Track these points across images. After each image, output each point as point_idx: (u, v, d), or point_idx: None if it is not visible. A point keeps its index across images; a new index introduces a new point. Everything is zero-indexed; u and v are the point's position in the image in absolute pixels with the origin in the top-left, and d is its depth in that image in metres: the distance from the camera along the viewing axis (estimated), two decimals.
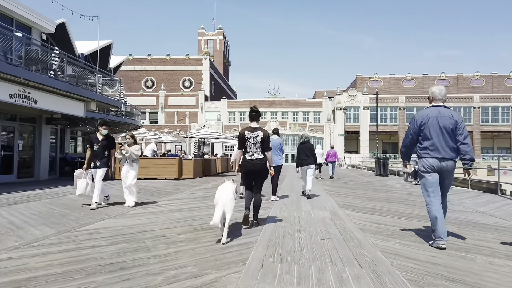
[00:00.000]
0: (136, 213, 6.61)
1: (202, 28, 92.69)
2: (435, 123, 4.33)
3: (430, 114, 4.40)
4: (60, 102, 13.45)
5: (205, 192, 10.23)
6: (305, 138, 9.35)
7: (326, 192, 10.58)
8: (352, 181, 16.11)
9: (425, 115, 4.43)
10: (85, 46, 24.31)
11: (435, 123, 4.33)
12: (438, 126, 4.32)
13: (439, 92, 4.52)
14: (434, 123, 4.34)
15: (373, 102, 61.22)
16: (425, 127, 4.38)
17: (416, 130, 4.46)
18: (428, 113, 4.42)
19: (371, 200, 8.78)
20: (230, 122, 66.94)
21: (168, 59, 71.89)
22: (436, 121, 4.33)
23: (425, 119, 4.40)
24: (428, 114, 4.41)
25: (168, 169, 15.22)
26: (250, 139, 5.24)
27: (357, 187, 12.43)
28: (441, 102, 4.48)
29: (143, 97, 68.64)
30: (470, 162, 4.31)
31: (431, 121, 4.35)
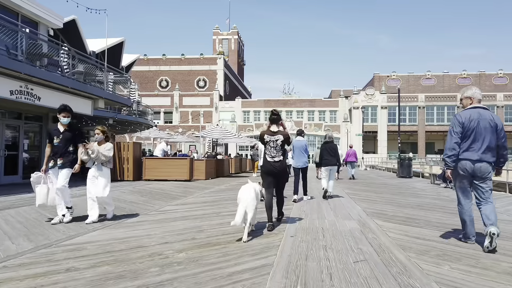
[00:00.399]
0: (135, 222, 5.79)
1: (216, 28, 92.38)
2: (476, 125, 4.28)
3: (472, 116, 4.33)
4: (66, 99, 12.78)
5: (216, 196, 9.39)
6: (329, 138, 9.10)
7: (349, 196, 9.60)
8: (374, 183, 15.04)
9: (467, 116, 4.35)
10: (96, 44, 23.86)
11: (475, 125, 4.28)
12: (478, 128, 4.27)
13: (480, 93, 4.51)
14: (475, 125, 4.28)
15: (391, 101, 59.49)
16: (466, 129, 4.32)
17: (460, 130, 4.36)
18: (470, 115, 4.35)
19: (401, 206, 7.77)
20: (244, 122, 66.26)
21: (183, 59, 71.68)
22: (477, 123, 4.28)
23: (467, 120, 4.33)
24: (470, 115, 4.34)
25: (178, 170, 14.47)
26: (270, 142, 5.30)
27: (382, 191, 11.39)
28: (479, 103, 4.45)
29: (157, 97, 68.59)
30: (502, 164, 4.43)
31: (473, 123, 4.29)
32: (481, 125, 4.27)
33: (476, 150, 4.27)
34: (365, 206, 7.65)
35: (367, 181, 16.09)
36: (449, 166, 4.45)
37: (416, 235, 4.93)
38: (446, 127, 57.46)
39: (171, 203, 8.05)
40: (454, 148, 4.38)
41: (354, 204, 8.06)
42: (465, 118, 4.35)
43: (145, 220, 5.86)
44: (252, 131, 62.73)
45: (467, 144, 4.32)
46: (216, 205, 7.58)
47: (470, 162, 4.28)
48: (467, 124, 4.32)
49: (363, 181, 16.09)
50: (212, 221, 5.74)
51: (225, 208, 7.22)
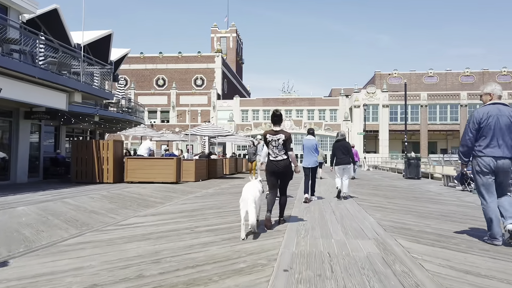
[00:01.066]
0: (75, 244, 4.30)
1: (214, 26, 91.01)
2: (495, 121, 4.23)
3: (491, 112, 4.29)
4: (34, 92, 11.37)
5: (199, 203, 7.90)
6: (341, 136, 8.89)
7: (356, 202, 8.13)
8: (381, 185, 13.56)
9: (486, 112, 4.30)
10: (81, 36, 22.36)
11: (495, 121, 4.24)
12: (498, 124, 4.22)
13: (500, 89, 4.48)
14: (494, 121, 4.24)
15: (393, 99, 58.02)
16: (484, 125, 4.26)
17: (476, 127, 4.32)
18: (488, 111, 4.30)
19: (424, 217, 6.28)
20: (243, 121, 64.84)
21: (180, 57, 70.30)
22: (497, 119, 4.23)
23: (485, 116, 4.28)
24: (488, 111, 4.30)
25: (164, 171, 12.96)
26: (272, 142, 5.34)
27: (393, 195, 9.91)
28: (499, 99, 4.40)
29: (154, 95, 67.22)
30: None
31: (491, 119, 4.25)
32: (501, 121, 4.22)
33: (497, 146, 4.22)
34: (379, 217, 6.16)
35: (373, 183, 14.61)
36: (464, 161, 4.49)
37: (464, 266, 3.44)
38: (449, 126, 56.05)
39: (140, 212, 6.57)
40: (467, 145, 4.39)
41: (364, 213, 6.57)
42: (483, 114, 4.29)
43: (91, 241, 4.37)
44: (251, 130, 61.26)
45: (487, 141, 4.26)
46: (194, 216, 6.11)
47: (492, 158, 4.23)
48: (485, 121, 4.26)
49: (369, 183, 14.61)
50: (179, 243, 4.26)
51: (205, 220, 5.75)
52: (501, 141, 4.20)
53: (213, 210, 6.69)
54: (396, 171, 25.42)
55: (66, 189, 10.68)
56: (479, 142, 4.32)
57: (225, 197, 8.93)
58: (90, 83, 14.06)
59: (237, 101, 66.28)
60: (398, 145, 61.85)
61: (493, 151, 4.23)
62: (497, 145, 4.22)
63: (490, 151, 4.24)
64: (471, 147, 4.38)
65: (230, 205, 7.38)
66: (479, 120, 4.29)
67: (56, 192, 9.66)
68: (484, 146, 4.28)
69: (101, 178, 12.91)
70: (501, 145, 4.21)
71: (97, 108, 16.49)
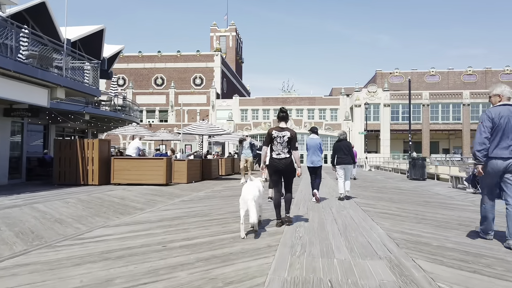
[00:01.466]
0: (6, 267, 3.42)
1: (214, 25, 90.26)
2: (506, 123, 4.21)
3: (502, 112, 4.25)
4: (12, 87, 10.51)
5: (184, 209, 7.03)
6: (342, 136, 8.80)
7: (360, 207, 7.26)
8: (385, 187, 12.68)
9: (497, 113, 4.27)
10: (73, 32, 21.51)
11: (506, 123, 4.21)
12: (508, 125, 4.20)
13: (510, 91, 4.41)
14: (506, 123, 4.21)
15: (394, 98, 57.13)
16: (496, 126, 4.24)
17: (490, 125, 4.26)
18: (500, 111, 4.27)
19: (441, 227, 5.39)
20: (242, 120, 64.02)
21: (179, 55, 69.52)
22: (508, 120, 4.21)
23: (497, 117, 4.25)
24: (500, 112, 4.27)
25: (153, 173, 12.10)
26: (277, 138, 5.30)
27: (400, 198, 9.03)
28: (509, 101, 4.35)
29: (152, 95, 66.46)
30: None
31: (503, 120, 4.23)
32: (511, 122, 4.19)
33: (506, 148, 4.20)
34: (389, 227, 5.29)
35: (376, 185, 13.72)
36: (480, 161, 4.32)
37: None
38: (452, 125, 55.14)
39: (113, 221, 5.69)
40: (484, 143, 4.29)
41: (371, 222, 5.70)
42: (495, 114, 4.26)
43: (32, 263, 3.48)
44: (250, 130, 60.42)
45: (496, 142, 4.25)
46: (173, 227, 5.23)
47: (501, 160, 4.22)
48: (497, 121, 4.24)
49: (372, 185, 13.73)
50: (141, 266, 3.37)
51: (184, 232, 4.88)
52: (510, 142, 4.19)
53: (197, 219, 5.82)
54: (399, 171, 24.55)
55: (44, 192, 9.82)
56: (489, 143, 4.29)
57: (214, 201, 8.06)
58: (76, 79, 13.18)
59: (237, 100, 65.44)
60: (399, 145, 60.95)
61: (502, 152, 4.21)
62: (507, 146, 4.20)
63: (499, 152, 4.22)
64: (487, 147, 4.28)
65: (217, 212, 6.51)
66: (492, 119, 4.27)
67: (30, 196, 8.80)
68: (493, 147, 4.26)
69: (85, 180, 12.06)
70: (510, 146, 4.20)
71: (84, 106, 15.59)
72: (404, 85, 65.04)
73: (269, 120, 60.56)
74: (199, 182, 13.87)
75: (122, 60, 69.53)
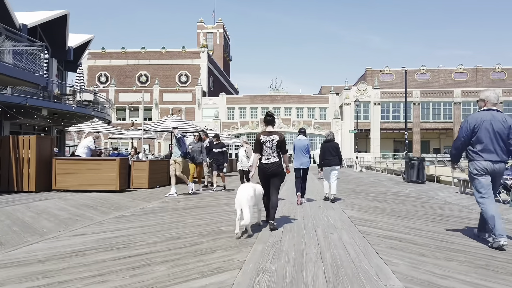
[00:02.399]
0: None
1: (201, 21, 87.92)
2: (489, 127, 4.35)
3: (484, 117, 4.41)
4: None
5: (113, 231, 4.94)
6: (330, 137, 8.48)
7: (356, 227, 5.29)
8: (382, 193, 10.77)
9: (479, 118, 4.44)
10: (32, 17, 19.16)
11: (488, 127, 4.35)
12: (492, 130, 4.35)
13: (495, 96, 4.53)
14: (488, 127, 4.36)
15: (385, 97, 55.69)
16: (479, 131, 4.39)
17: (468, 133, 4.47)
18: (481, 117, 4.44)
19: (491, 267, 3.47)
20: (229, 119, 61.90)
21: (164, 52, 67.18)
22: (490, 125, 4.35)
23: (479, 122, 4.40)
24: (481, 117, 4.43)
25: (104, 176, 9.97)
26: (266, 142, 5.30)
27: (406, 211, 7.06)
28: (495, 106, 4.50)
29: (136, 92, 63.84)
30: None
31: (485, 125, 4.37)
32: (494, 126, 4.34)
33: (493, 151, 4.35)
34: (406, 271, 3.29)
35: (372, 190, 11.80)
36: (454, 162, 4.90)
37: None
38: (443, 124, 53.88)
39: None
40: (458, 147, 4.62)
41: (376, 259, 3.68)
42: (477, 120, 4.42)
43: None
44: (237, 129, 58.35)
45: (482, 145, 4.39)
46: (52, 276, 3.17)
47: (490, 162, 4.36)
48: (479, 126, 4.39)
49: (367, 190, 11.81)
50: None
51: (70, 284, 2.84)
52: (496, 145, 4.35)
53: (107, 255, 3.76)
54: (392, 172, 22.78)
55: None
56: (476, 147, 4.45)
57: (161, 218, 6.01)
58: (17, 64, 10.94)
59: (223, 98, 63.31)
60: (389, 144, 59.50)
61: (490, 156, 4.36)
62: (493, 150, 4.36)
63: (487, 156, 4.37)
64: (462, 150, 4.63)
65: (148, 240, 4.43)
66: (473, 126, 4.43)
67: None
68: (480, 151, 4.41)
69: (20, 185, 9.87)
70: (496, 150, 4.36)
71: (27, 98, 13.32)
72: (394, 83, 63.71)
73: (256, 119, 58.57)
74: (165, 187, 11.75)
75: (104, 56, 66.85)
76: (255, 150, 5.38)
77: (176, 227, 5.17)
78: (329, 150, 8.23)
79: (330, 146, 8.28)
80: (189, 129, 12.88)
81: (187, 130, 13.07)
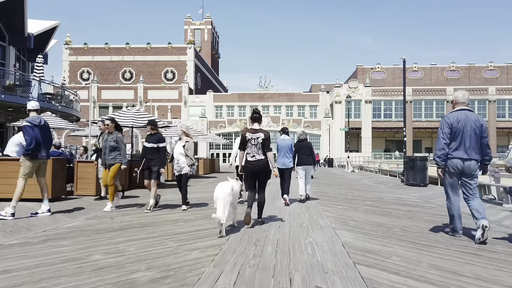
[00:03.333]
0: None
1: (188, 17, 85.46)
2: (463, 126, 4.48)
3: (459, 117, 4.54)
4: None
5: None
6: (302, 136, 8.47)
7: (351, 260, 3.39)
8: (381, 199, 8.83)
9: (455, 118, 4.56)
10: None
11: (463, 126, 4.48)
12: (466, 129, 4.47)
13: (463, 96, 4.70)
14: (462, 126, 4.49)
15: (376, 95, 54.14)
16: (454, 130, 4.51)
17: (449, 131, 4.55)
18: (457, 116, 4.57)
19: None
20: (216, 117, 59.72)
21: (149, 48, 64.71)
22: (464, 124, 4.49)
23: (455, 121, 4.53)
24: (457, 117, 4.56)
25: (34, 181, 7.81)
26: (251, 140, 5.25)
27: (422, 232, 5.04)
28: (465, 106, 4.66)
29: (119, 89, 61.42)
30: (488, 163, 4.68)
31: (460, 124, 4.50)
32: (468, 126, 4.47)
33: (465, 150, 4.48)
34: None
35: (368, 195, 9.86)
36: (440, 165, 4.67)
37: None
38: (435, 123, 52.43)
39: None
40: (444, 148, 4.59)
41: None
42: (453, 119, 4.55)
43: None
44: (224, 127, 56.20)
45: (456, 144, 4.52)
46: None
47: (460, 160, 4.50)
48: (455, 125, 4.50)
49: (362, 194, 9.87)
50: None
51: None
52: (468, 144, 4.47)
53: None
54: (387, 173, 20.96)
55: None
56: (450, 145, 4.56)
57: (56, 251, 3.90)
58: None
59: (211, 96, 61.16)
60: (381, 143, 57.95)
61: (461, 154, 4.48)
62: (465, 148, 4.48)
63: (459, 154, 4.50)
64: (447, 151, 4.59)
65: None
66: (451, 125, 4.53)
67: None
68: (453, 148, 4.54)
69: None
70: (468, 148, 4.47)
71: None
72: (386, 81, 62.20)
73: (245, 117, 56.47)
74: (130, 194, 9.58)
75: (87, 52, 64.07)
76: (240, 147, 5.39)
77: (63, 274, 3.10)
78: (303, 150, 8.25)
79: (304, 146, 8.31)
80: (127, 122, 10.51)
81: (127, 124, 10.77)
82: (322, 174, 21.30)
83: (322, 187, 12.10)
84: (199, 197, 8.91)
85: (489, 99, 52.92)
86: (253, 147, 5.20)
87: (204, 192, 10.15)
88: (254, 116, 5.36)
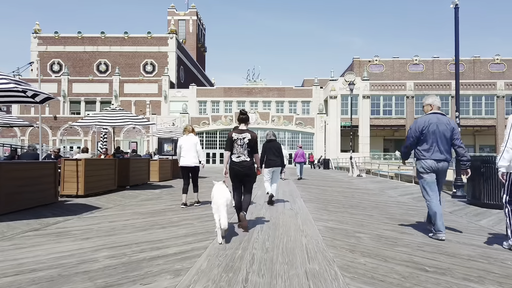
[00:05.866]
0: None
1: (172, 7, 79.74)
2: (435, 129, 4.77)
3: (431, 120, 4.82)
4: None
5: None
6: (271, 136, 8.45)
7: None
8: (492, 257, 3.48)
9: (426, 121, 4.83)
10: None
11: (434, 129, 4.77)
12: (437, 131, 4.76)
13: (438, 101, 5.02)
14: (434, 129, 4.77)
15: (375, 89, 49.03)
16: (426, 132, 4.79)
17: (417, 134, 4.86)
18: (429, 119, 4.83)
19: None
20: (200, 113, 54.11)
21: (126, 38, 58.93)
22: (436, 127, 4.77)
23: (426, 124, 4.81)
24: (429, 120, 4.83)
25: None
26: (237, 140, 5.36)
27: None
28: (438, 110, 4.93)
29: (93, 83, 55.42)
30: (467, 163, 4.79)
31: (432, 127, 4.78)
32: (440, 128, 4.76)
33: (438, 151, 4.77)
34: None
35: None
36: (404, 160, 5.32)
37: None
38: None
39: None
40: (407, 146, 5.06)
41: None
42: (424, 122, 4.83)
43: None
44: (208, 124, 50.53)
45: (428, 145, 4.80)
46: None
47: (434, 161, 4.79)
48: (426, 128, 4.78)
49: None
50: None
51: None
52: (440, 146, 4.77)
53: None
54: (410, 179, 15.53)
55: None
56: (423, 147, 4.84)
57: None
58: None
59: (194, 90, 55.55)
60: (379, 143, 52.92)
61: (434, 155, 4.77)
62: (438, 150, 4.77)
63: (433, 155, 4.78)
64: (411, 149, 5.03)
65: None
66: (421, 128, 4.83)
67: None
68: (427, 150, 4.82)
69: None
70: (441, 150, 4.77)
71: None
72: (384, 75, 57.26)
73: (231, 114, 50.92)
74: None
75: (58, 41, 57.99)
76: (226, 147, 5.43)
77: None
78: (272, 150, 8.20)
79: (273, 146, 8.24)
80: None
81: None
82: (320, 181, 15.83)
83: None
84: None
85: (497, 94, 48.18)
86: (239, 147, 5.31)
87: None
88: (241, 117, 5.47)
